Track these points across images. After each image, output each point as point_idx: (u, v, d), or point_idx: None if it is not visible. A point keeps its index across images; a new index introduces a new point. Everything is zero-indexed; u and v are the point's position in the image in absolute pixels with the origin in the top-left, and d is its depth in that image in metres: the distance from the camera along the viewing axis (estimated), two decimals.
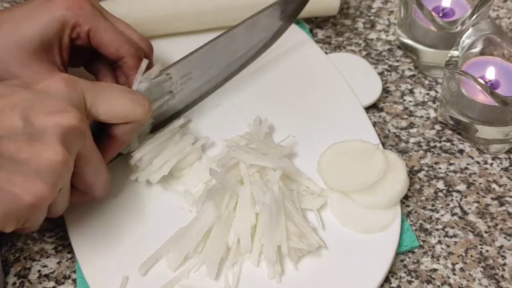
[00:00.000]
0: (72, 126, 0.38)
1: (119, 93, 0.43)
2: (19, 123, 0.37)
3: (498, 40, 0.53)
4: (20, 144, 0.36)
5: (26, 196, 0.36)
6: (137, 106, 0.44)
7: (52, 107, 0.38)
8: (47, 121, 0.37)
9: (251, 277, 0.45)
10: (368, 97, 0.57)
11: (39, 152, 0.37)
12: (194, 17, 0.60)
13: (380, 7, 0.67)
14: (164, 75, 0.48)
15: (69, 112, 0.38)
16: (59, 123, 0.38)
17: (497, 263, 0.47)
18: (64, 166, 0.37)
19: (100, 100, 0.42)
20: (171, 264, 0.45)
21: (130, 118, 0.44)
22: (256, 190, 0.45)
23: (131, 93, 0.44)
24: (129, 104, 0.43)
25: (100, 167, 0.43)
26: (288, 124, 0.54)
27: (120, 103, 0.43)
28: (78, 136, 0.39)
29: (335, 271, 0.45)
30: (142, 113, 0.44)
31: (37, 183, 0.37)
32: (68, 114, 0.38)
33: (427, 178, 0.52)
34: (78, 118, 0.39)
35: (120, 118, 0.43)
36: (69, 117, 0.38)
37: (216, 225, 0.45)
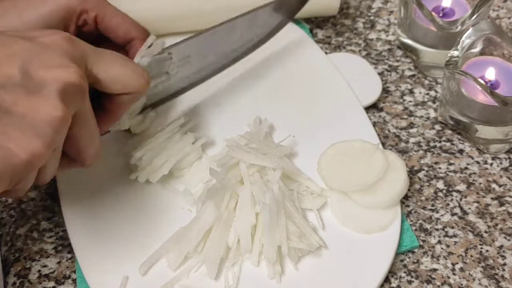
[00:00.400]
0: (73, 82, 0.36)
1: (121, 61, 0.42)
2: (16, 73, 0.35)
3: (498, 40, 0.53)
4: (17, 96, 0.34)
5: (21, 153, 0.34)
6: (137, 77, 0.42)
7: (53, 60, 0.36)
8: (47, 74, 0.35)
9: (251, 277, 0.45)
10: (368, 97, 0.57)
11: (37, 106, 0.34)
12: (194, 17, 0.60)
13: (380, 7, 0.67)
14: (166, 53, 0.48)
15: (70, 67, 0.36)
16: (60, 77, 0.35)
17: (497, 263, 0.47)
18: (63, 123, 0.35)
19: (101, 64, 0.40)
20: (171, 264, 0.45)
21: (129, 88, 0.42)
22: (256, 190, 0.45)
23: (132, 63, 0.43)
24: (130, 73, 0.42)
25: (94, 133, 0.41)
26: (288, 124, 0.54)
27: (121, 71, 0.41)
28: (78, 93, 0.37)
29: (335, 271, 0.45)
30: (141, 85, 0.42)
31: (34, 139, 0.34)
32: (69, 69, 0.36)
33: (427, 178, 0.52)
34: (79, 74, 0.36)
35: (119, 86, 0.42)
36: (70, 72, 0.36)
37: (216, 225, 0.45)
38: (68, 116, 0.35)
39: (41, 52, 0.36)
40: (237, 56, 0.56)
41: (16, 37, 0.37)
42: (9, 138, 0.33)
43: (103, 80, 0.40)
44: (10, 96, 0.34)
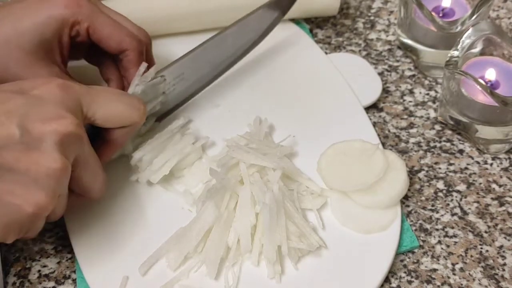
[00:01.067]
0: (70, 132, 0.38)
1: (115, 97, 0.43)
2: (16, 131, 0.36)
3: (498, 40, 0.53)
4: (18, 153, 0.36)
5: (27, 207, 0.36)
6: (133, 111, 0.44)
7: (49, 113, 0.38)
8: (44, 128, 0.37)
9: (251, 277, 0.45)
10: (368, 97, 0.57)
11: (38, 161, 0.36)
12: (194, 17, 0.60)
13: (380, 7, 0.67)
14: (159, 77, 0.49)
15: (66, 118, 0.38)
16: (56, 130, 0.37)
17: (497, 263, 0.47)
18: (63, 173, 0.37)
19: (96, 105, 0.42)
20: (171, 264, 0.45)
21: (126, 123, 0.44)
22: (256, 190, 0.45)
23: (126, 96, 0.45)
24: (125, 109, 0.44)
25: (97, 170, 0.43)
26: (288, 124, 0.54)
27: (116, 108, 0.43)
28: (75, 141, 0.39)
29: (335, 271, 0.45)
30: (138, 117, 0.45)
31: (37, 192, 0.36)
32: (65, 121, 0.38)
33: (427, 178, 0.52)
34: (75, 124, 0.38)
35: (116, 122, 0.44)
36: (66, 123, 0.38)
37: (216, 225, 0.45)
38: (67, 166, 0.38)
39: (37, 106, 0.38)
40: (232, 61, 0.56)
41: (10, 93, 0.38)
42: (14, 195, 0.36)
43: (100, 119, 0.42)
44: (12, 155, 0.36)
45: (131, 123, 0.44)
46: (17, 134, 0.36)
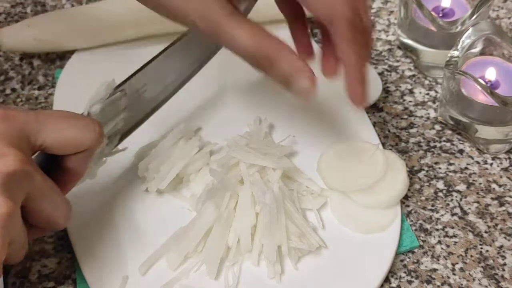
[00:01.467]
0: (13, 171, 0.33)
1: (66, 121, 0.39)
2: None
3: (498, 40, 0.53)
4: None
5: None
6: (87, 134, 0.39)
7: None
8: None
9: (251, 277, 0.44)
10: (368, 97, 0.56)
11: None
12: None
13: (380, 7, 0.67)
14: (118, 92, 0.44)
15: (7, 155, 0.34)
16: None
17: (497, 263, 0.47)
18: (9, 218, 0.33)
19: (45, 132, 0.37)
20: (171, 263, 0.45)
21: (81, 147, 0.39)
22: (256, 190, 0.45)
23: (79, 119, 0.40)
24: (78, 133, 0.39)
25: (57, 200, 0.38)
26: (288, 124, 0.54)
27: (68, 133, 0.38)
28: (22, 179, 0.34)
29: (335, 271, 0.45)
30: (94, 140, 0.40)
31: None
32: (6, 159, 0.33)
33: (427, 178, 0.52)
34: (18, 160, 0.34)
35: (70, 148, 0.39)
36: (8, 161, 0.33)
37: (216, 225, 0.45)
38: (13, 209, 0.33)
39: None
40: (199, 65, 0.52)
41: None
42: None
43: (51, 147, 0.38)
44: None
45: (87, 147, 0.39)
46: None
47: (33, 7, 0.67)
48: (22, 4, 0.67)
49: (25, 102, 0.57)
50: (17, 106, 0.57)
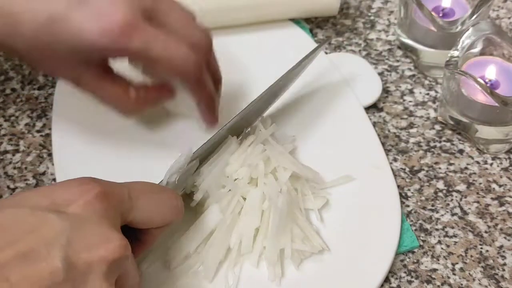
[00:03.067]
0: (118, 258, 0.33)
1: (155, 198, 0.39)
2: (59, 267, 0.30)
3: (498, 40, 0.53)
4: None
5: None
6: (172, 211, 0.40)
7: (93, 238, 0.33)
8: (90, 258, 0.32)
9: (251, 278, 0.44)
10: (368, 97, 0.57)
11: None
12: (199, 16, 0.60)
13: (380, 7, 0.67)
14: (193, 161, 0.45)
15: (113, 241, 0.33)
16: (104, 257, 0.32)
17: (497, 263, 0.47)
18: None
19: (137, 210, 0.37)
20: (171, 263, 0.45)
21: (165, 223, 0.40)
22: (270, 191, 0.45)
23: (166, 196, 0.40)
24: (165, 210, 0.40)
25: (136, 275, 0.37)
26: (288, 124, 0.54)
27: (156, 211, 0.39)
28: (123, 263, 0.34)
29: (335, 271, 0.45)
30: (176, 216, 0.41)
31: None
32: (112, 245, 0.33)
33: (427, 178, 0.52)
34: (123, 246, 0.33)
35: (155, 224, 0.39)
36: (114, 248, 0.33)
37: (218, 229, 0.44)
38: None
39: (79, 230, 0.32)
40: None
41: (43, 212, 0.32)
42: None
43: (139, 223, 0.38)
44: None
45: (168, 222, 0.40)
46: (61, 270, 0.30)
47: None
48: None
49: (25, 102, 0.57)
50: (17, 106, 0.57)
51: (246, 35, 0.62)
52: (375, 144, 0.53)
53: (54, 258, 0.30)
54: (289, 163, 0.47)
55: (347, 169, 0.50)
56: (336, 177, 0.50)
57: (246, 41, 0.61)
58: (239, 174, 0.46)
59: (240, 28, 0.62)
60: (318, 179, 0.49)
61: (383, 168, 0.51)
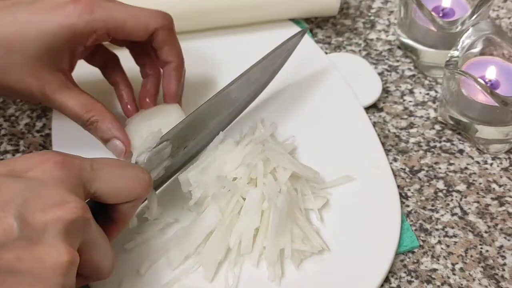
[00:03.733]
0: (75, 218, 0.33)
1: (119, 170, 0.39)
2: (14, 225, 0.32)
3: (498, 40, 0.53)
4: (19, 251, 0.32)
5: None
6: (138, 183, 0.40)
7: (49, 199, 0.33)
8: (45, 217, 0.33)
9: (251, 278, 0.44)
10: (368, 97, 0.57)
11: (42, 257, 0.32)
12: (194, 17, 0.60)
13: (380, 7, 0.67)
14: (163, 142, 0.45)
15: (69, 202, 0.34)
16: (60, 217, 0.33)
17: (497, 263, 0.47)
18: (71, 266, 0.33)
19: (99, 180, 0.38)
20: (171, 263, 0.45)
21: (131, 197, 0.40)
22: (269, 191, 0.45)
23: (131, 169, 0.41)
24: (131, 183, 0.40)
25: (106, 249, 0.38)
26: (288, 124, 0.54)
27: (120, 182, 0.39)
28: (82, 227, 0.34)
29: (335, 271, 0.45)
30: (144, 190, 0.40)
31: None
32: (68, 206, 0.33)
33: (427, 178, 0.52)
34: (79, 207, 0.34)
35: (121, 197, 0.39)
36: (70, 208, 0.33)
37: (218, 229, 0.44)
38: (75, 256, 0.33)
39: (35, 191, 0.33)
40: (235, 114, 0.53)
41: (3, 178, 0.34)
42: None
43: (103, 195, 0.38)
44: (11, 254, 0.32)
45: (136, 196, 0.40)
46: (15, 228, 0.32)
47: None
48: None
49: (25, 102, 0.57)
50: (18, 105, 0.57)
51: (246, 35, 0.62)
52: (375, 144, 0.53)
53: (8, 216, 0.32)
54: (288, 163, 0.47)
55: (347, 169, 0.50)
56: (336, 177, 0.50)
57: (246, 41, 0.61)
58: (237, 174, 0.46)
59: (240, 28, 0.62)
60: (318, 179, 0.49)
61: (383, 168, 0.51)
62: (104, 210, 0.40)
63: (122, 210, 0.40)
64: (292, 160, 0.48)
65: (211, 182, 0.46)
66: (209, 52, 0.60)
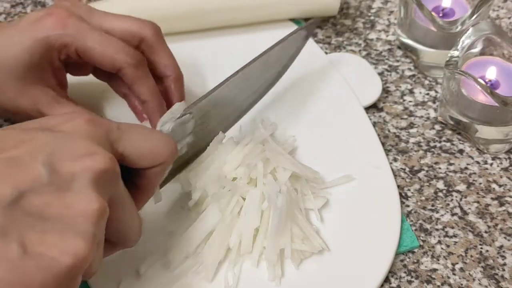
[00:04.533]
0: (104, 169, 0.33)
1: (146, 133, 0.39)
2: (43, 172, 0.32)
3: (498, 40, 0.53)
4: (48, 197, 0.31)
5: (64, 258, 0.31)
6: (165, 147, 0.39)
7: (78, 149, 0.33)
8: (75, 166, 0.32)
9: (251, 278, 0.44)
10: (368, 97, 0.57)
11: (71, 203, 0.32)
12: (194, 17, 0.60)
13: (380, 7, 0.67)
14: (187, 114, 0.45)
15: (98, 153, 0.33)
16: (89, 167, 0.33)
17: (497, 263, 0.47)
18: (101, 215, 0.32)
19: (126, 141, 0.37)
20: (170, 263, 0.45)
21: (158, 160, 0.39)
22: (269, 191, 0.45)
23: (157, 133, 0.40)
24: (157, 145, 0.39)
25: (134, 211, 0.38)
26: (288, 124, 0.54)
27: (147, 144, 0.38)
28: (111, 179, 0.34)
29: (335, 271, 0.45)
30: (170, 154, 0.40)
31: (75, 240, 0.31)
32: (97, 156, 0.33)
33: (427, 178, 0.52)
34: (108, 158, 0.34)
35: (147, 160, 0.39)
36: (99, 158, 0.33)
37: (218, 230, 0.45)
38: (105, 207, 0.33)
39: (64, 143, 0.33)
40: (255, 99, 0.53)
41: (33, 130, 0.34)
42: (48, 246, 0.31)
43: (130, 157, 0.38)
44: (41, 200, 0.31)
45: (163, 160, 0.39)
46: (44, 175, 0.31)
47: (33, 7, 0.67)
48: (22, 4, 0.67)
49: None
50: None
51: (246, 35, 0.62)
52: (375, 144, 0.53)
53: (36, 163, 0.32)
54: (288, 163, 0.47)
55: (347, 169, 0.50)
56: (336, 177, 0.50)
57: (246, 41, 0.61)
58: (237, 174, 0.46)
59: (240, 28, 0.62)
60: (318, 179, 0.49)
61: (383, 168, 0.51)
62: (130, 179, 0.39)
63: (148, 176, 0.39)
64: (292, 160, 0.48)
65: (211, 182, 0.46)
66: (209, 53, 0.60)
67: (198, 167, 0.47)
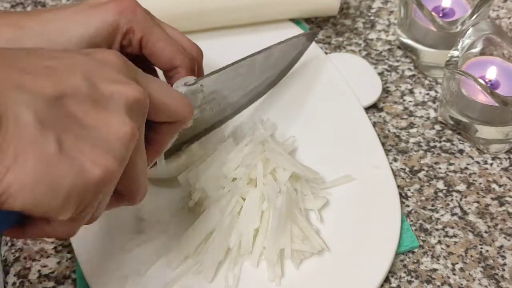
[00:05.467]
0: (137, 99, 0.34)
1: (167, 88, 0.39)
2: (82, 83, 0.32)
3: (498, 40, 0.53)
4: (86, 107, 0.31)
5: (95, 169, 0.31)
6: (183, 105, 0.39)
7: (114, 76, 0.34)
8: (111, 88, 0.33)
9: (251, 278, 0.44)
10: (368, 97, 0.57)
11: (107, 120, 0.32)
12: (195, 17, 0.60)
13: (380, 7, 0.67)
14: (199, 84, 0.45)
15: (132, 84, 0.34)
16: (125, 92, 0.33)
17: (497, 263, 0.47)
18: (132, 139, 0.33)
19: (151, 88, 0.37)
20: (171, 263, 0.45)
21: (175, 117, 0.39)
22: (268, 191, 0.45)
23: (176, 91, 0.40)
24: (177, 101, 0.39)
25: (145, 165, 0.37)
26: (288, 124, 0.54)
27: (168, 98, 0.38)
28: (142, 110, 0.35)
29: (335, 271, 0.45)
30: (187, 113, 0.40)
31: (106, 155, 0.31)
32: (131, 86, 0.34)
33: (427, 178, 0.52)
34: (141, 91, 0.34)
35: (166, 113, 0.39)
36: (133, 88, 0.34)
37: (218, 230, 0.45)
38: (136, 133, 0.33)
39: (100, 67, 0.34)
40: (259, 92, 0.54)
41: (72, 52, 0.35)
42: (82, 152, 0.31)
43: (154, 102, 0.37)
44: (79, 108, 0.31)
45: (180, 118, 0.39)
46: (83, 86, 0.32)
47: (33, 7, 0.67)
48: (22, 4, 0.67)
49: None
50: None
51: (246, 35, 0.62)
52: (375, 144, 0.53)
53: (76, 76, 0.32)
54: (288, 164, 0.47)
55: (347, 169, 0.50)
56: (336, 177, 0.50)
57: (246, 41, 0.61)
58: (237, 174, 0.46)
59: (240, 28, 0.62)
60: (318, 179, 0.49)
61: (383, 168, 0.51)
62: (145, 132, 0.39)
63: (162, 131, 0.40)
64: (292, 160, 0.48)
65: (211, 183, 0.46)
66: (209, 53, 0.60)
67: (198, 167, 0.47)
